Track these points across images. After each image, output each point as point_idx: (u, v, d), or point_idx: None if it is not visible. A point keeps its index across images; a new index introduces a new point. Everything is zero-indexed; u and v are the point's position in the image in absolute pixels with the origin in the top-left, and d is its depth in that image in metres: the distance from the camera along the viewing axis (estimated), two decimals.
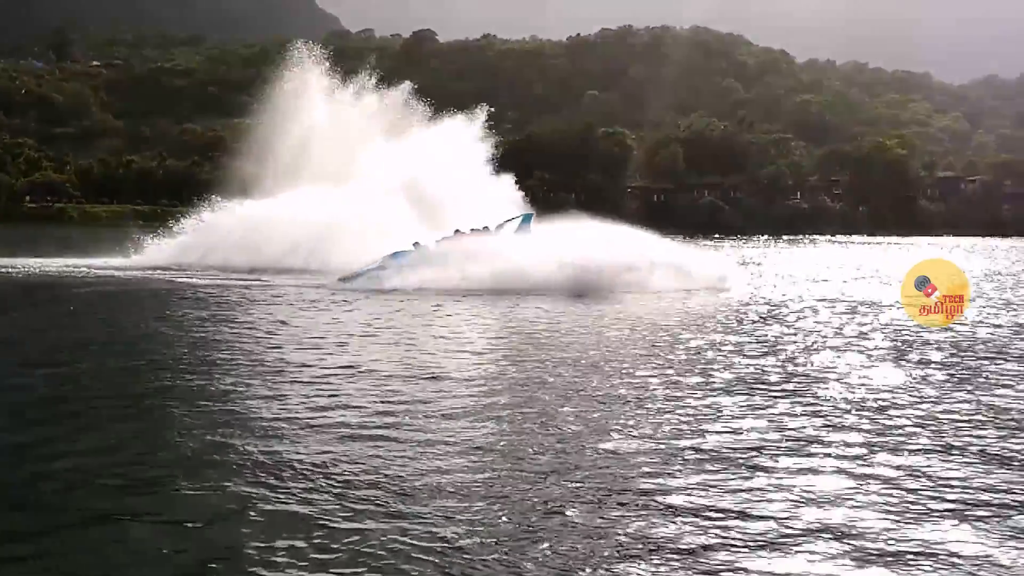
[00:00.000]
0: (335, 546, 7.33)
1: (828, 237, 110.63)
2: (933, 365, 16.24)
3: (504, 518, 7.92)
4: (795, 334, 20.00)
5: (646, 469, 9.35)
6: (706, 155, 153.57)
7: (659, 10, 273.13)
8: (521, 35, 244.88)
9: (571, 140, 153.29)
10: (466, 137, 47.38)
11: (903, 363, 16.30)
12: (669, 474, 9.24)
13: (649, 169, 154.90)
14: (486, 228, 32.60)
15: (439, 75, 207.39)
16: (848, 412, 12.12)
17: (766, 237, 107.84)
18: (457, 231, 32.19)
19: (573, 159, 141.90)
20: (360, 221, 37.70)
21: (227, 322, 20.83)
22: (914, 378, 14.93)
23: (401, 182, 40.13)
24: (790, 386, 14.00)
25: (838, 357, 16.81)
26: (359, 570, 6.92)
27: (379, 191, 39.86)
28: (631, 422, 11.37)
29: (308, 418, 11.33)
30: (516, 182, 47.02)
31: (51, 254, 43.00)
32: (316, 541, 7.41)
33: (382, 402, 12.25)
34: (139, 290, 29.34)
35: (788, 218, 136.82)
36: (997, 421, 11.80)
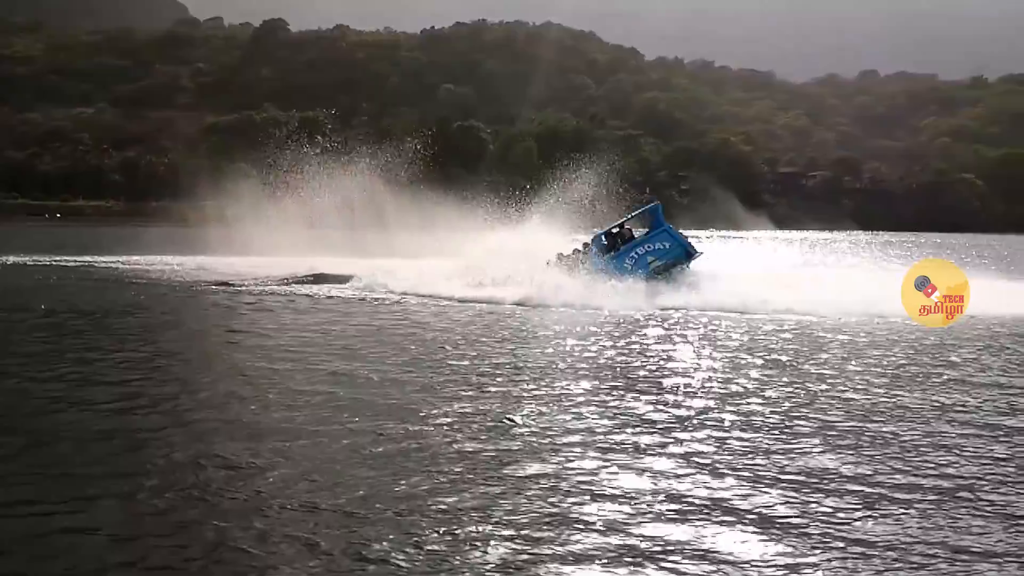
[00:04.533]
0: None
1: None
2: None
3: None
4: None
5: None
6: (559, 150, 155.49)
7: (512, 6, 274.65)
8: (375, 27, 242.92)
9: (427, 133, 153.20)
10: None
11: None
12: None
13: (504, 163, 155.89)
14: (587, 246, 30.15)
15: (291, 66, 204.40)
16: None
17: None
18: (560, 254, 30.37)
19: (429, 152, 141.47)
20: None
21: None
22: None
23: None
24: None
25: None
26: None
27: None
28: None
29: None
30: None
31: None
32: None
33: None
34: None
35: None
36: None
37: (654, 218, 30.31)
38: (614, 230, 30.04)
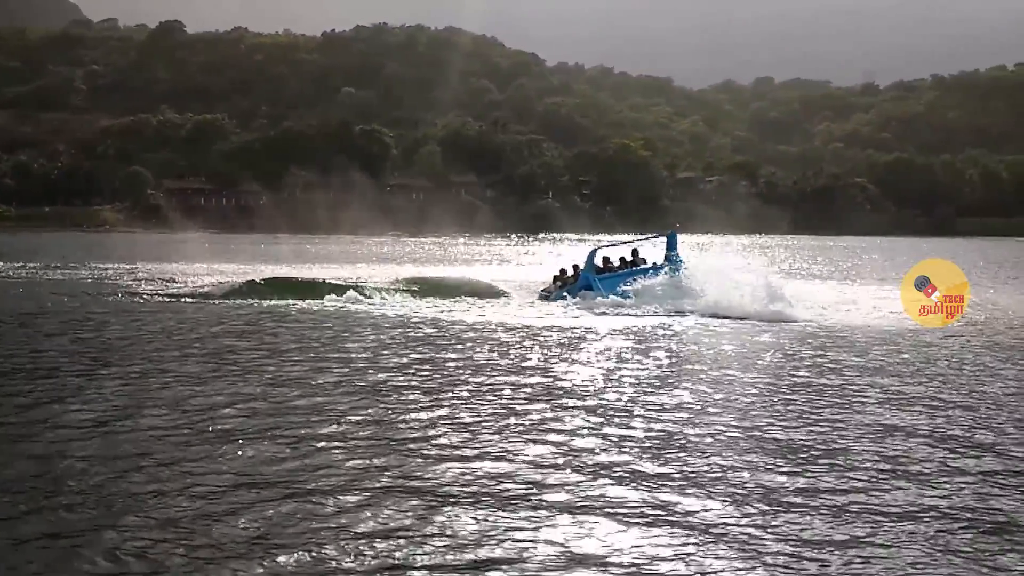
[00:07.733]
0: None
1: (582, 236, 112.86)
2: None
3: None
4: None
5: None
6: (463, 154, 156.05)
7: (414, 10, 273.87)
8: (273, 29, 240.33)
9: (328, 137, 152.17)
10: None
11: None
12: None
13: (408, 167, 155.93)
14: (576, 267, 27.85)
15: (187, 68, 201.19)
16: None
17: (520, 235, 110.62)
18: (563, 270, 28.47)
19: (331, 156, 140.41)
20: None
21: None
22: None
23: None
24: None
25: None
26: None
27: None
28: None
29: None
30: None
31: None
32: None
33: None
34: None
35: (542, 217, 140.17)
36: None
37: (669, 246, 27.24)
38: (627, 256, 27.54)
